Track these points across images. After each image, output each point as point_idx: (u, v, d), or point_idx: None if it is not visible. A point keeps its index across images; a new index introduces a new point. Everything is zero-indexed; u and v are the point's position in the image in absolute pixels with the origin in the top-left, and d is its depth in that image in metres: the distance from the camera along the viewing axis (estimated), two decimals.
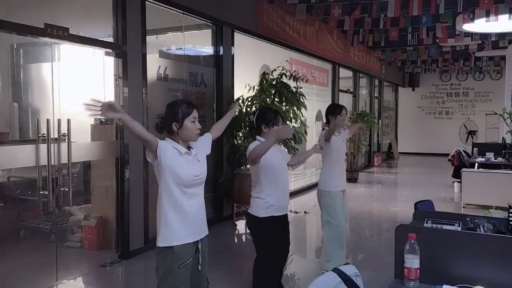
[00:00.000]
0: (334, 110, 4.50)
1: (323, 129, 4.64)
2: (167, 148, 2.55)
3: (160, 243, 2.57)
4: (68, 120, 4.38)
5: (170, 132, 2.61)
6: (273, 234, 3.46)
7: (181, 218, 2.58)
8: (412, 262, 2.09)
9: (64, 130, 4.35)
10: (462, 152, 9.44)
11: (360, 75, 13.64)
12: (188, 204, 2.60)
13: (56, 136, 4.29)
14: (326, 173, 4.48)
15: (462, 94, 18.37)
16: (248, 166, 6.54)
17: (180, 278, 2.56)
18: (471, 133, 17.85)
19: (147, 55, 5.32)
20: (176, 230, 2.56)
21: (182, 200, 2.58)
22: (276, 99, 6.57)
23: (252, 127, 3.59)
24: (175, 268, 2.53)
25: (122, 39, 4.98)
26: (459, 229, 2.49)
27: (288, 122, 6.36)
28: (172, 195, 2.57)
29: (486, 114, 15.80)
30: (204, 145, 2.84)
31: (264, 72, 6.91)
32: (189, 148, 2.67)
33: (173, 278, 2.54)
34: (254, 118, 3.56)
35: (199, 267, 2.68)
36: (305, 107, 6.90)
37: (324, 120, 4.69)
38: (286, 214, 3.62)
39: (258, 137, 3.50)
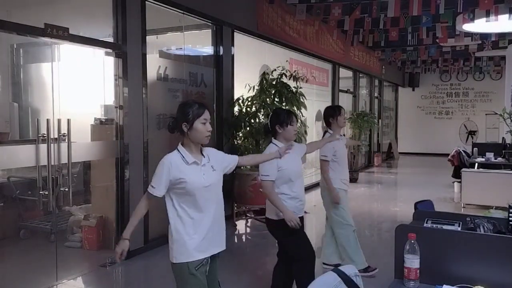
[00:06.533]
0: (333, 112, 4.49)
1: (324, 132, 4.60)
2: (172, 167, 2.51)
3: (174, 259, 2.55)
4: (68, 120, 4.38)
5: (181, 133, 2.59)
6: (296, 229, 3.40)
7: (192, 233, 2.53)
8: (412, 262, 2.09)
9: (64, 130, 4.35)
10: (462, 152, 9.44)
11: (360, 75, 13.64)
12: (199, 217, 2.55)
13: (56, 136, 4.29)
14: (330, 171, 4.45)
15: (462, 94, 18.37)
16: (248, 167, 6.58)
17: (198, 281, 2.54)
18: (471, 133, 17.85)
19: (147, 55, 5.32)
20: (188, 247, 2.52)
21: (192, 213, 2.54)
22: (276, 99, 6.57)
23: (267, 130, 3.56)
24: (192, 270, 2.53)
25: (122, 39, 4.98)
26: (459, 229, 2.49)
27: None
28: (180, 207, 2.55)
29: (486, 114, 15.81)
30: (224, 162, 2.78)
31: (264, 72, 6.91)
32: (203, 154, 2.63)
33: (192, 282, 2.54)
34: (268, 121, 3.55)
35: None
36: (305, 107, 6.90)
37: (324, 124, 4.67)
38: (302, 217, 3.56)
39: (274, 141, 3.47)
